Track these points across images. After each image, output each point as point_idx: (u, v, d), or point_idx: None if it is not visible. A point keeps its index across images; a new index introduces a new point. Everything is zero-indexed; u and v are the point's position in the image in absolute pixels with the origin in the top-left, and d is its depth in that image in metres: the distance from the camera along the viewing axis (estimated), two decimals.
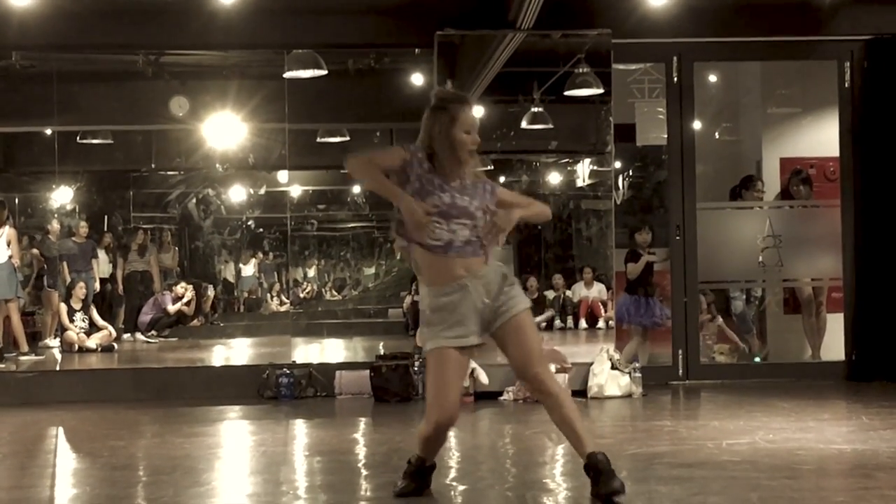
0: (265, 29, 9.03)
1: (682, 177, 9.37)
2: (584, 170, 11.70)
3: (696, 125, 9.66)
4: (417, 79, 10.90)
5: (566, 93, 9.65)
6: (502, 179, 12.38)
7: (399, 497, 4.98)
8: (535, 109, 10.23)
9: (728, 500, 4.89)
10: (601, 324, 11.01)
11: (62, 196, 13.31)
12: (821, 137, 10.10)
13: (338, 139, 12.64)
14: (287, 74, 10.61)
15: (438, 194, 4.72)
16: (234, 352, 12.73)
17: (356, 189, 14.72)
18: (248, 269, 14.97)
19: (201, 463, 6.17)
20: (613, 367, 8.59)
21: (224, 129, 12.78)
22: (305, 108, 11.36)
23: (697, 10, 9.04)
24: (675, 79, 9.36)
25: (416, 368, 8.56)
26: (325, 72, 10.56)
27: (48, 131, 11.88)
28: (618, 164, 10.60)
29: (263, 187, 14.51)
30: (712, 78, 11.17)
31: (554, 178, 12.29)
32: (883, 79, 9.22)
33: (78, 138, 12.47)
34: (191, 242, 14.58)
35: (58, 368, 10.83)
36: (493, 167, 11.68)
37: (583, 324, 11.47)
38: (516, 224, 4.82)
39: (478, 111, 9.68)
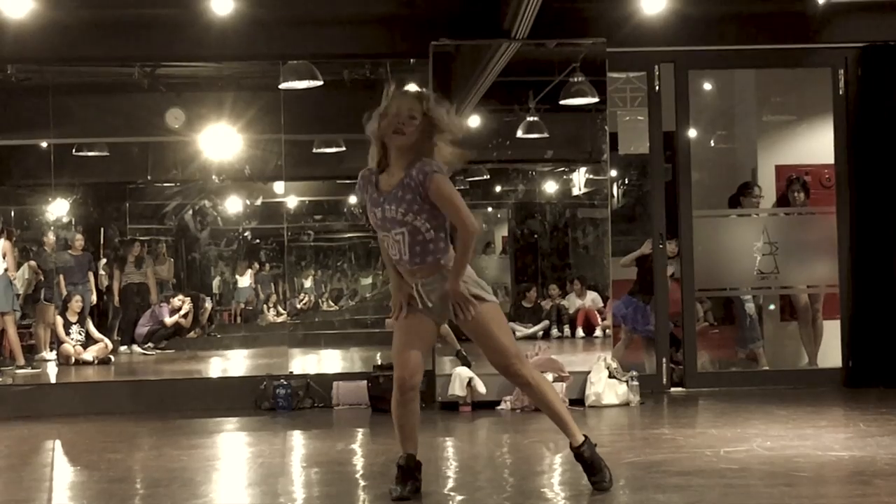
0: (260, 40, 9.04)
1: (678, 184, 9.37)
2: (580, 178, 11.70)
3: (692, 133, 9.67)
4: (413, 88, 10.89)
5: (561, 101, 9.66)
6: (498, 189, 12.42)
7: (397, 502, 5.03)
8: (530, 118, 10.23)
9: None
10: (598, 332, 11.02)
11: (58, 209, 13.28)
12: (816, 145, 10.12)
13: (334, 150, 12.63)
14: (282, 85, 10.61)
15: (374, 210, 5.03)
16: (232, 363, 12.71)
17: (352, 199, 14.72)
18: (245, 280, 14.95)
19: (199, 475, 6.17)
20: (611, 376, 8.59)
21: (220, 141, 12.76)
22: (301, 118, 11.35)
23: (692, 19, 9.06)
24: (660, 86, 9.33)
25: None
26: (320, 82, 10.56)
27: (44, 144, 11.86)
28: (613, 173, 10.57)
29: (260, 198, 14.48)
30: (707, 86, 11.19)
31: (550, 186, 12.31)
32: (877, 86, 9.23)
33: (74, 151, 12.45)
34: (187, 254, 14.55)
35: (54, 381, 10.82)
36: (488, 176, 11.74)
37: (580, 332, 11.48)
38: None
39: (473, 120, 9.76)
